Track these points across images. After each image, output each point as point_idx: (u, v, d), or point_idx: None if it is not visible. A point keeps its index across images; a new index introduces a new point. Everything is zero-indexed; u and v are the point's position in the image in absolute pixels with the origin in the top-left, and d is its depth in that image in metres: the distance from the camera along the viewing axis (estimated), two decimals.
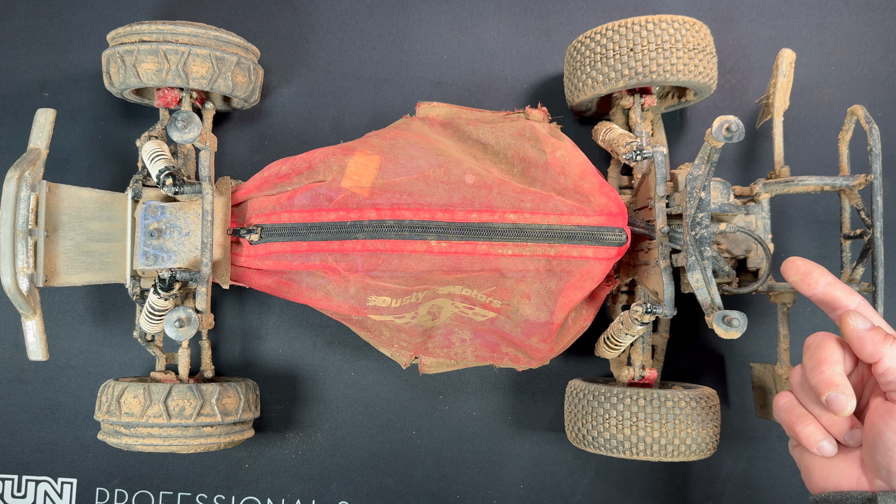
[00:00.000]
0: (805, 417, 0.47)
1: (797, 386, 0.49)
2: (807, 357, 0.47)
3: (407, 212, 0.53)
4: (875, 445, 0.44)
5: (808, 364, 0.46)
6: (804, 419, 0.47)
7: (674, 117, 0.69)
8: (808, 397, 0.48)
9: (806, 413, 0.48)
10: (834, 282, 0.49)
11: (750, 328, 0.63)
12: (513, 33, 0.71)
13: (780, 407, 0.49)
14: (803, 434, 0.47)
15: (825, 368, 0.45)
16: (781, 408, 0.49)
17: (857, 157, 0.63)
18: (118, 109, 0.71)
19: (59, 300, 0.70)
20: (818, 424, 0.47)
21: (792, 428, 0.48)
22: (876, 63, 0.68)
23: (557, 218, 0.54)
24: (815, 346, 0.47)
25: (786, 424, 0.49)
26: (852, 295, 0.48)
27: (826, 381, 0.45)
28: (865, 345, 0.45)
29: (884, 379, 0.44)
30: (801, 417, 0.48)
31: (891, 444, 0.43)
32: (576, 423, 0.59)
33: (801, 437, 0.47)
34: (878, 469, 0.44)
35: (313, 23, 0.72)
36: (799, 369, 0.49)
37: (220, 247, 0.57)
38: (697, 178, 0.52)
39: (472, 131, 0.59)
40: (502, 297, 0.55)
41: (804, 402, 0.48)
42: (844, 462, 0.46)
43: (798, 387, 0.49)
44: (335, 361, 0.69)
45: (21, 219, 0.53)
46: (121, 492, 0.69)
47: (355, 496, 0.68)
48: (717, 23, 0.69)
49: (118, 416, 0.57)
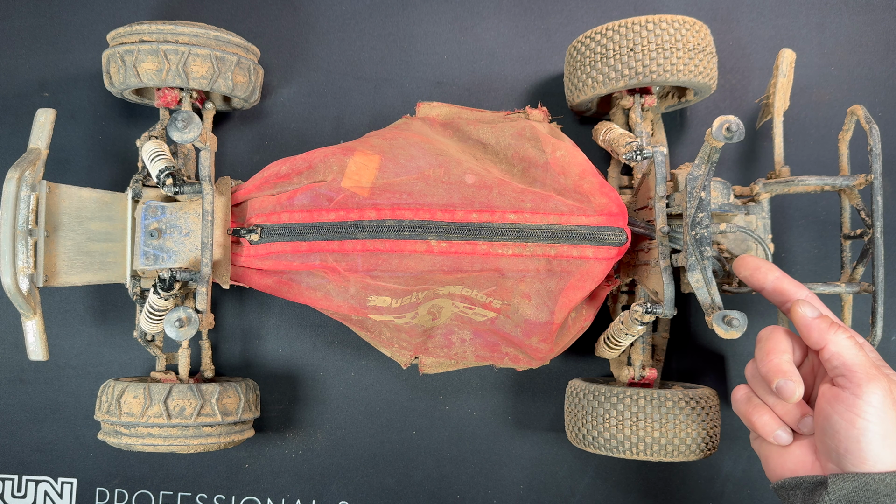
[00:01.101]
0: (760, 408, 0.50)
1: (751, 378, 0.51)
2: (758, 349, 0.50)
3: (407, 212, 0.53)
4: (824, 430, 0.45)
5: (759, 354, 0.49)
6: (759, 409, 0.49)
7: (674, 117, 0.69)
8: (762, 388, 0.50)
9: (761, 404, 0.50)
10: (782, 276, 0.51)
11: (750, 328, 0.63)
12: (513, 33, 0.71)
13: (737, 399, 0.52)
14: (759, 423, 0.49)
15: (773, 357, 0.48)
16: (738, 400, 0.51)
17: (857, 157, 0.63)
18: (118, 109, 0.71)
19: (59, 300, 0.70)
20: (773, 414, 0.49)
21: (748, 418, 0.50)
22: (876, 63, 0.68)
23: (557, 218, 0.54)
24: (765, 338, 0.50)
25: (743, 415, 0.51)
26: (800, 287, 0.51)
27: (774, 369, 0.47)
28: (812, 331, 0.47)
29: (829, 364, 0.46)
30: (756, 408, 0.50)
31: (838, 426, 0.44)
32: (576, 423, 0.59)
33: (756, 426, 0.49)
34: (829, 453, 0.45)
35: (313, 23, 0.72)
36: (753, 362, 0.51)
37: (220, 247, 0.57)
38: (697, 178, 0.52)
39: (472, 131, 0.59)
40: (502, 297, 0.55)
41: (759, 394, 0.50)
42: (799, 449, 0.48)
43: (752, 379, 0.51)
44: (335, 361, 0.69)
45: (21, 219, 0.53)
46: (121, 492, 0.69)
47: (355, 496, 0.68)
48: (717, 23, 0.69)
49: (118, 416, 0.57)
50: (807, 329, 0.47)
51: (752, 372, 0.51)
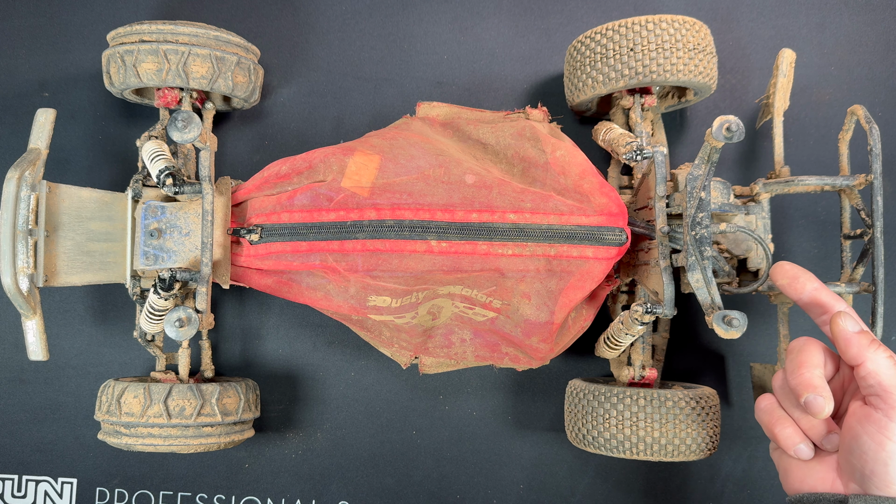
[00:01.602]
0: (784, 420, 0.48)
1: (779, 389, 0.50)
2: (789, 360, 0.48)
3: (407, 212, 0.53)
4: (851, 449, 0.44)
5: (790, 367, 0.47)
6: (783, 421, 0.48)
7: (674, 117, 0.69)
8: (789, 400, 0.49)
9: (785, 416, 0.49)
10: (821, 287, 0.50)
11: (750, 328, 0.63)
12: (513, 33, 0.71)
13: (762, 409, 0.50)
14: (781, 436, 0.48)
15: (805, 371, 0.46)
16: (762, 409, 0.50)
17: (857, 157, 0.63)
18: (118, 109, 0.71)
19: (59, 300, 0.70)
20: (796, 427, 0.48)
21: (771, 429, 0.49)
22: (876, 63, 0.68)
23: (557, 218, 0.54)
24: (798, 350, 0.48)
25: (765, 426, 0.50)
26: (839, 300, 0.49)
27: (805, 383, 0.45)
28: (852, 346, 0.45)
29: (864, 382, 0.45)
30: (780, 420, 0.48)
31: (866, 447, 0.43)
32: (576, 423, 0.59)
33: (779, 438, 0.48)
34: (852, 472, 0.45)
35: (313, 23, 0.72)
36: (781, 373, 0.49)
37: (220, 247, 0.57)
38: (697, 177, 0.52)
39: (472, 131, 0.59)
40: (502, 297, 0.55)
41: (785, 405, 0.49)
42: (821, 466, 0.47)
43: (780, 390, 0.50)
44: (335, 361, 0.69)
45: (21, 219, 0.53)
46: (121, 492, 0.69)
47: (355, 496, 0.68)
48: (717, 23, 0.69)
49: (118, 416, 0.57)
50: (846, 343, 0.46)
51: (781, 383, 0.50)
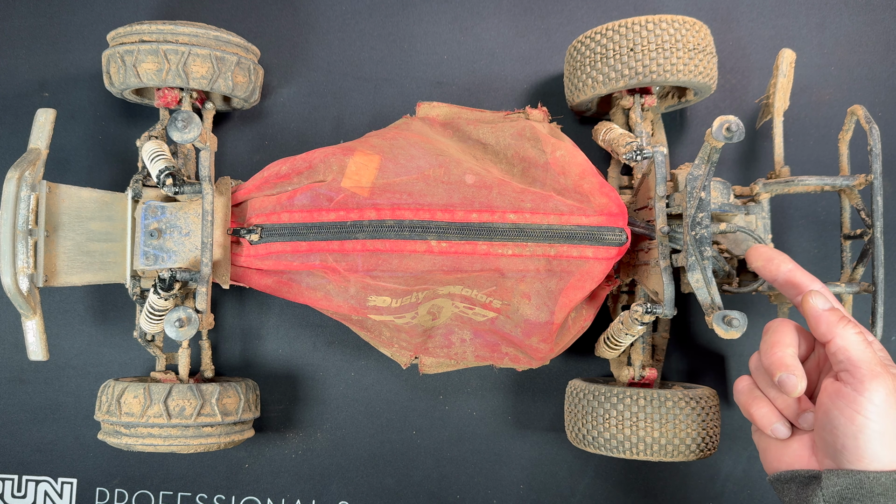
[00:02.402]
0: (760, 400, 0.49)
1: (754, 370, 0.51)
2: (763, 340, 0.49)
3: (407, 212, 0.53)
4: (823, 425, 0.45)
5: (764, 347, 0.49)
6: (759, 402, 0.49)
7: (674, 117, 0.69)
8: (764, 380, 0.50)
9: (762, 396, 0.50)
10: (795, 268, 0.51)
11: (750, 328, 0.63)
12: (513, 33, 0.71)
13: (739, 390, 0.51)
14: (758, 415, 0.49)
15: (777, 350, 0.47)
16: (739, 391, 0.51)
17: (857, 157, 0.63)
18: (118, 109, 0.71)
19: (59, 300, 0.70)
20: (772, 407, 0.49)
21: (748, 409, 0.50)
22: (876, 63, 0.68)
23: (557, 218, 0.54)
24: (772, 330, 0.49)
25: (742, 406, 0.51)
26: (814, 280, 0.50)
27: (778, 362, 0.47)
28: (821, 323, 0.47)
29: (835, 358, 0.46)
30: (756, 400, 0.50)
31: (837, 422, 0.44)
32: (576, 423, 0.59)
33: (755, 418, 0.49)
34: (826, 448, 0.45)
35: (313, 23, 0.72)
36: (757, 354, 0.51)
37: (220, 247, 0.57)
38: (697, 178, 0.52)
39: (472, 131, 0.59)
40: (502, 297, 0.55)
41: (761, 386, 0.50)
42: (798, 444, 0.48)
43: (755, 370, 0.51)
44: (335, 361, 0.69)
45: (21, 219, 0.53)
46: (121, 492, 0.69)
47: (355, 496, 0.68)
48: (717, 23, 0.69)
49: (118, 416, 0.57)
50: (816, 320, 0.47)
51: (756, 363, 0.51)
